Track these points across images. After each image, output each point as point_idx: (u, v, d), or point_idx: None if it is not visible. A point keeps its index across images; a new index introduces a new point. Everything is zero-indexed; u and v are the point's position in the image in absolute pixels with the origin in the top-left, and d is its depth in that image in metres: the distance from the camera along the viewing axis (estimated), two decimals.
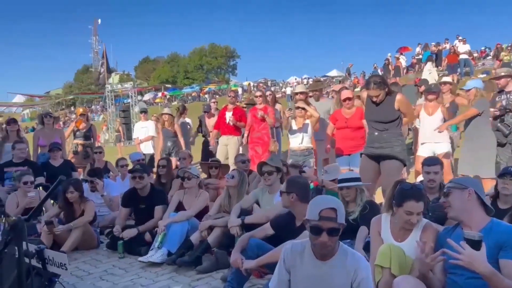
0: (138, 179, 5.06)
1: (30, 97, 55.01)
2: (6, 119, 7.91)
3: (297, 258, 2.56)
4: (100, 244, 5.28)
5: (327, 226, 2.36)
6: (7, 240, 1.77)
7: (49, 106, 52.41)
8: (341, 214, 2.44)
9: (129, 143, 23.34)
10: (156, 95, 50.01)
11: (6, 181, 6.29)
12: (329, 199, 2.53)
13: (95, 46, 43.41)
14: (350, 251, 2.52)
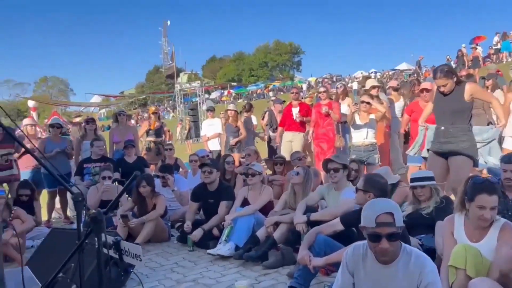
0: (207, 174, 5.20)
1: (106, 97, 58.18)
2: (85, 118, 8.45)
3: (360, 261, 2.50)
4: (171, 237, 5.50)
5: (386, 232, 2.30)
6: (88, 232, 1.89)
7: (123, 106, 55.26)
8: (399, 217, 2.36)
9: (197, 140, 24.08)
10: (222, 93, 51.06)
11: (85, 176, 6.73)
12: (384, 203, 2.46)
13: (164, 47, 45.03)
14: (415, 253, 2.42)
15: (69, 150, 7.06)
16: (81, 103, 55.42)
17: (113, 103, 57.38)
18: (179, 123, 24.07)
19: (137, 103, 57.58)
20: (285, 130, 7.92)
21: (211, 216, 5.12)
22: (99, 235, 1.82)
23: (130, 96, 58.08)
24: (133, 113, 41.75)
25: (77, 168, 6.94)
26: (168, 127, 12.62)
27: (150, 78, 71.39)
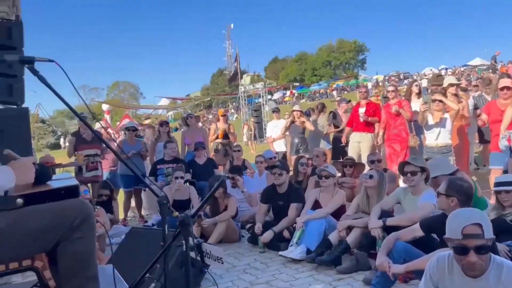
0: (277, 175, 5.21)
1: (173, 100, 60.29)
2: (159, 121, 8.79)
3: (445, 274, 2.36)
4: (241, 238, 5.56)
5: (474, 244, 2.14)
6: (175, 234, 1.95)
7: (189, 108, 56.97)
8: (488, 228, 2.19)
9: (260, 141, 24.27)
10: (284, 94, 51.08)
11: (159, 177, 6.99)
12: (471, 213, 2.29)
13: (228, 50, 45.95)
14: (506, 265, 2.23)
15: (143, 152, 7.40)
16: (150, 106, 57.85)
17: (180, 105, 59.29)
18: (245, 124, 24.36)
19: (202, 105, 59.06)
20: (353, 131, 7.74)
21: (280, 218, 5.12)
22: (186, 239, 1.86)
23: (195, 99, 59.73)
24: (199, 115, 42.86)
25: (151, 169, 7.22)
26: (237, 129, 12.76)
27: (215, 81, 72.95)
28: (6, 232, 1.80)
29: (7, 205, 1.83)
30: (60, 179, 2.20)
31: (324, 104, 9.57)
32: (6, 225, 1.80)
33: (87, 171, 6.76)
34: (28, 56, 2.01)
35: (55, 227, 1.89)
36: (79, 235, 1.93)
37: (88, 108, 2.69)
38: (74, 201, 1.98)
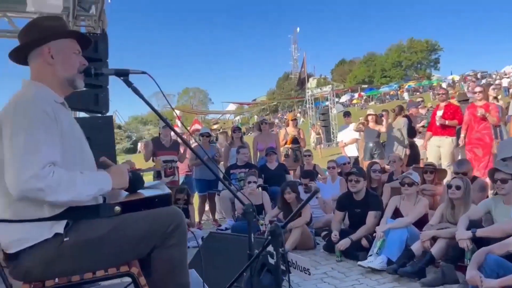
0: (354, 182, 5.08)
1: (240, 105, 61.36)
2: (232, 127, 8.94)
3: None
4: (316, 245, 5.47)
5: None
6: (265, 244, 1.93)
7: (255, 112, 57.65)
8: None
9: (328, 146, 23.94)
10: (352, 96, 50.09)
11: (232, 181, 7.08)
12: None
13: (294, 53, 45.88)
14: None
15: (217, 157, 7.56)
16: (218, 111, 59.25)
17: (246, 110, 60.21)
18: (313, 128, 24.16)
19: (268, 109, 59.50)
20: (432, 135, 7.38)
21: (357, 226, 4.97)
22: (277, 248, 1.84)
23: (262, 103, 60.32)
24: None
25: (225, 173, 7.34)
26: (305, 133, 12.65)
27: (281, 85, 73.21)
28: (107, 239, 1.88)
29: (107, 212, 1.92)
30: (152, 187, 2.27)
31: (402, 107, 9.13)
32: (106, 232, 1.88)
33: (165, 176, 7.02)
34: (122, 69, 2.10)
35: (150, 234, 1.95)
36: (173, 242, 1.98)
37: (176, 114, 2.82)
38: (167, 209, 2.04)
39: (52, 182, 1.70)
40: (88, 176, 1.86)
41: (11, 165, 1.70)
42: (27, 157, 1.69)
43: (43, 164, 1.70)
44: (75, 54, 2.06)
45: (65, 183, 1.74)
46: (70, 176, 1.77)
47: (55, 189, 1.71)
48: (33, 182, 1.67)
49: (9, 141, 1.74)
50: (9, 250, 1.83)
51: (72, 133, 1.96)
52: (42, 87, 1.95)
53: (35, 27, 2.01)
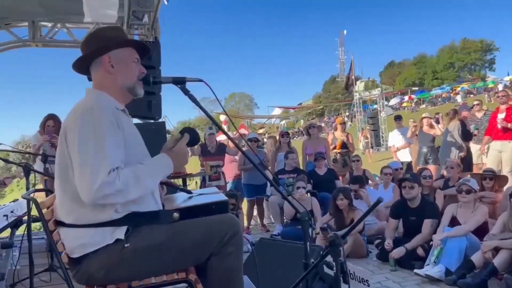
0: (408, 189, 4.92)
1: (285, 109, 61.23)
2: (280, 131, 8.91)
3: None
4: (369, 253, 5.32)
5: None
6: (324, 254, 1.89)
7: (301, 117, 57.36)
8: None
9: (377, 150, 23.40)
10: (402, 99, 48.76)
11: (279, 187, 7.04)
12: None
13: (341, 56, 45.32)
14: None
15: (264, 162, 7.55)
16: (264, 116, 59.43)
17: (292, 114, 60.01)
18: (361, 133, 23.69)
19: (314, 113, 59.05)
20: (492, 139, 7.02)
21: (412, 234, 4.79)
22: (336, 259, 1.79)
23: (308, 107, 59.93)
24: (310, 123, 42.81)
25: (272, 178, 7.30)
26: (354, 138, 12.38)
27: (327, 88, 72.49)
28: (166, 245, 1.90)
29: (166, 219, 1.94)
30: (209, 193, 2.29)
31: (456, 110, 8.75)
32: (166, 239, 1.90)
33: (210, 181, 7.12)
34: (180, 77, 2.12)
35: (208, 241, 1.95)
36: (230, 250, 1.97)
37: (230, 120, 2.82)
38: (224, 216, 2.04)
39: (121, 185, 1.75)
40: (151, 164, 1.93)
41: (81, 173, 1.75)
42: (96, 164, 1.73)
43: (109, 170, 1.74)
44: (134, 62, 2.10)
45: (132, 182, 1.79)
46: (134, 172, 1.82)
47: (125, 191, 1.77)
48: (103, 190, 1.71)
49: (76, 147, 1.79)
50: (73, 255, 1.89)
51: (133, 139, 2.00)
52: (104, 95, 2.00)
53: (95, 38, 2.07)
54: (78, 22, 6.92)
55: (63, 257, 1.93)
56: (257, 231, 7.49)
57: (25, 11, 6.64)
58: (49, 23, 7.11)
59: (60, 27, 7.10)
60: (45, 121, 5.47)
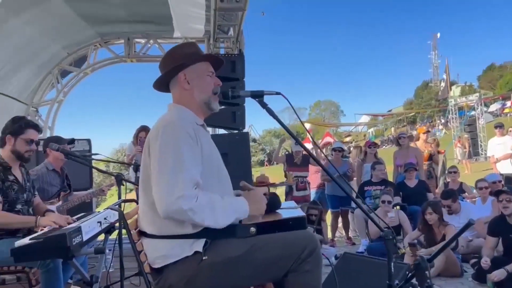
0: (505, 202, 4.50)
1: (373, 116, 59.38)
2: (366, 142, 8.62)
3: None
4: (464, 273, 4.92)
5: None
6: (408, 277, 1.76)
7: (390, 124, 55.22)
8: None
9: (475, 160, 21.72)
10: (504, 105, 44.91)
11: (366, 199, 6.80)
12: None
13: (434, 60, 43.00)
14: None
15: (349, 173, 7.35)
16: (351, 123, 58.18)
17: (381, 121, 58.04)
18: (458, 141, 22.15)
19: (405, 120, 56.53)
20: None
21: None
22: (422, 284, 1.66)
23: (398, 114, 57.54)
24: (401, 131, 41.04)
25: (358, 190, 7.09)
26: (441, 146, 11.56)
27: (419, 94, 69.10)
28: (243, 260, 1.89)
29: (243, 233, 1.94)
30: (287, 208, 2.25)
31: None
32: (243, 253, 1.90)
33: (297, 191, 7.09)
34: (258, 90, 2.13)
35: (285, 258, 1.91)
36: (308, 268, 1.91)
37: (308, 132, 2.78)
38: (302, 233, 1.99)
39: (196, 206, 1.78)
40: (228, 203, 1.91)
41: (159, 185, 1.81)
42: (174, 177, 1.78)
43: (189, 184, 1.78)
44: (209, 76, 2.15)
45: (207, 209, 1.81)
46: (211, 202, 1.84)
47: (198, 213, 1.79)
48: (179, 204, 1.75)
49: (156, 159, 1.86)
50: (154, 265, 1.95)
51: (211, 154, 2.03)
52: (185, 110, 2.07)
53: (171, 57, 2.15)
54: (169, 37, 7.32)
55: (146, 267, 2.00)
56: (342, 244, 7.30)
57: (122, 30, 7.18)
58: (143, 40, 7.63)
59: (153, 43, 7.57)
60: (138, 133, 5.83)
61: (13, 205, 3.29)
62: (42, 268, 3.02)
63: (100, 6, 6.04)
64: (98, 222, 3.08)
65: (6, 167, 3.30)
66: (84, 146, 6.26)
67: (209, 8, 5.48)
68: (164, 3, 5.99)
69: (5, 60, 6.23)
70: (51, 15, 5.94)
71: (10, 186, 3.28)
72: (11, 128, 3.33)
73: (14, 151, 3.32)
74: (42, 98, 7.97)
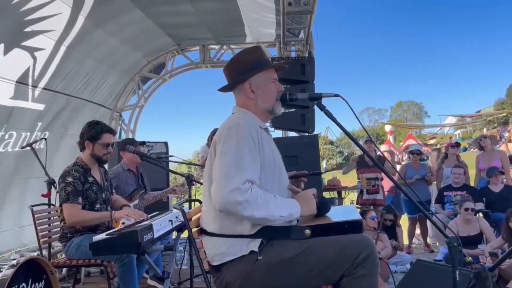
0: None
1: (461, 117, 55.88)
2: (447, 143, 8.16)
3: None
4: None
5: None
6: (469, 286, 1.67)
7: (480, 125, 51.60)
8: None
9: None
10: None
11: (446, 204, 6.44)
12: None
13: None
14: None
15: (428, 177, 7.02)
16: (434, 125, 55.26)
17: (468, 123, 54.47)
18: None
19: (496, 121, 52.55)
20: None
21: None
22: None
23: (487, 115, 53.65)
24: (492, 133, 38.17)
25: (437, 195, 6.74)
26: None
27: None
28: (297, 261, 1.91)
29: (298, 234, 1.95)
30: (344, 211, 2.22)
31: None
32: (296, 254, 1.91)
33: (368, 194, 6.92)
34: (316, 93, 2.15)
35: (340, 261, 1.90)
36: (363, 272, 1.88)
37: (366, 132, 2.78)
38: (358, 236, 1.95)
39: (250, 197, 1.83)
40: (281, 200, 1.96)
41: (217, 178, 1.90)
42: (231, 172, 1.86)
43: (244, 180, 1.84)
44: (273, 83, 2.21)
45: (261, 200, 1.86)
46: (265, 195, 1.89)
47: (253, 205, 1.84)
48: (234, 195, 1.82)
49: (219, 158, 1.95)
50: (213, 263, 2.03)
51: (272, 158, 2.08)
52: (249, 114, 2.16)
53: (235, 65, 2.22)
54: (241, 42, 7.50)
55: (205, 264, 2.09)
56: (420, 251, 6.98)
57: (197, 37, 7.49)
58: (216, 46, 7.89)
59: (226, 48, 7.80)
60: (211, 135, 6.04)
61: (93, 205, 3.57)
62: (118, 262, 3.23)
63: (176, 15, 6.36)
64: (169, 220, 3.25)
65: (86, 170, 3.59)
66: (161, 148, 6.63)
67: (279, 12, 5.54)
68: (235, 9, 6.16)
69: (93, 69, 6.78)
70: (131, 26, 6.36)
71: (90, 188, 3.56)
72: (88, 134, 3.60)
73: (93, 155, 3.60)
74: (125, 104, 8.54)
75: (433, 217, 5.82)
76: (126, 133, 8.45)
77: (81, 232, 3.47)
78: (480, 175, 6.82)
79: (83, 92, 6.91)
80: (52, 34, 5.41)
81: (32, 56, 5.42)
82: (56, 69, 5.87)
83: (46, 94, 6.04)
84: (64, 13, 5.20)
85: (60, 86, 6.26)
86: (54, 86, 6.14)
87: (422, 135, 51.20)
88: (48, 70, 5.78)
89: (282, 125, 5.86)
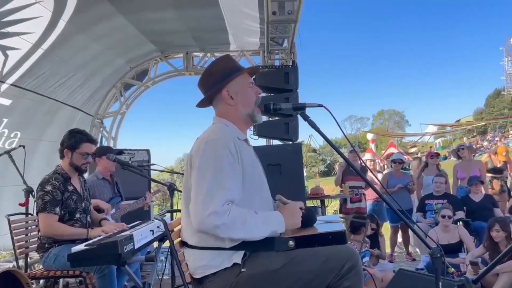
0: None
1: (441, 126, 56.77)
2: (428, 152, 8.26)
3: None
4: None
5: None
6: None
7: (459, 134, 52.52)
8: None
9: None
10: None
11: (427, 213, 6.49)
12: None
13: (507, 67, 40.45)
14: None
15: (410, 186, 7.08)
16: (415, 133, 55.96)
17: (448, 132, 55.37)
18: None
19: (475, 131, 53.59)
20: None
21: None
22: None
23: (467, 124, 54.64)
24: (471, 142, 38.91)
25: (419, 204, 6.80)
26: None
27: (490, 103, 65.36)
28: (281, 273, 1.88)
29: (281, 246, 1.92)
30: (327, 221, 2.21)
31: None
32: (281, 266, 1.88)
33: (351, 203, 6.94)
34: (300, 103, 2.14)
35: (324, 273, 1.88)
36: (348, 284, 1.87)
37: (349, 142, 2.79)
38: (342, 248, 1.94)
39: (228, 220, 1.80)
40: (262, 217, 1.91)
41: (195, 199, 1.86)
42: (210, 193, 1.82)
43: (223, 201, 1.81)
44: (250, 87, 2.19)
45: (239, 222, 1.83)
46: (244, 216, 1.85)
47: (230, 228, 1.81)
48: (211, 219, 1.78)
49: (196, 173, 1.91)
50: (195, 275, 1.99)
51: (252, 170, 2.04)
52: (229, 125, 2.11)
53: (209, 76, 2.18)
54: (225, 50, 7.48)
55: (187, 277, 2.04)
56: (402, 259, 7.02)
57: (180, 44, 7.44)
58: (200, 53, 7.86)
59: (210, 56, 7.78)
60: None
61: (72, 214, 3.48)
62: (98, 273, 3.16)
63: (160, 22, 6.31)
64: (150, 230, 3.19)
65: (66, 178, 3.51)
66: (143, 156, 6.51)
67: (263, 21, 5.54)
68: (219, 17, 6.14)
69: (72, 73, 6.62)
70: (114, 32, 6.28)
71: (70, 197, 3.48)
72: (67, 142, 3.54)
73: (72, 164, 3.54)
74: (107, 110, 8.41)
75: (414, 226, 5.89)
76: (107, 140, 8.32)
77: (59, 243, 3.38)
78: (458, 184, 6.93)
79: (57, 94, 6.67)
80: (30, 37, 5.27)
81: (4, 53, 5.25)
82: (29, 68, 5.67)
83: (13, 90, 5.79)
84: (44, 16, 5.10)
85: (31, 85, 6.02)
86: (24, 84, 5.90)
87: (403, 143, 51.88)
88: (19, 68, 5.56)
89: (266, 133, 5.85)
